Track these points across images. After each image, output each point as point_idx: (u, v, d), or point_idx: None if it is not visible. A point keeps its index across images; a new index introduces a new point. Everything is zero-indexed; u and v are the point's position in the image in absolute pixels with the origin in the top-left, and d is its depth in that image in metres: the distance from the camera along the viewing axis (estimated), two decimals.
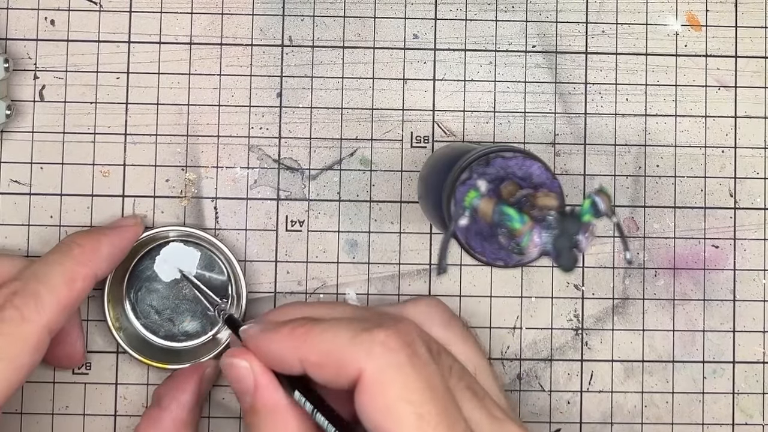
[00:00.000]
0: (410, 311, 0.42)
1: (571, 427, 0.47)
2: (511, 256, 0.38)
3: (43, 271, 0.40)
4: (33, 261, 0.41)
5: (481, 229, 0.38)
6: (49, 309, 0.38)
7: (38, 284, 0.39)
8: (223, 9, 0.48)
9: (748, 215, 0.48)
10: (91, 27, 0.47)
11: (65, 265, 0.40)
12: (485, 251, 0.38)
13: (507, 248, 0.37)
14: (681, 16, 0.48)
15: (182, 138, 0.47)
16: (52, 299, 0.39)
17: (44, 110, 0.47)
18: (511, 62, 0.48)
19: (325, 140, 0.48)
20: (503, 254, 0.38)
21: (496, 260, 0.38)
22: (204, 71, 0.48)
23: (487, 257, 0.38)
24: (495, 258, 0.38)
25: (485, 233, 0.38)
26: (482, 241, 0.38)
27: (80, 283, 0.40)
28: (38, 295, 0.38)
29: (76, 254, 0.41)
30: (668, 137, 0.48)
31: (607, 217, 0.35)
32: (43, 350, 0.38)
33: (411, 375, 0.34)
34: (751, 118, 0.48)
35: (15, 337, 0.37)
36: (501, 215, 0.35)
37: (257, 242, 0.47)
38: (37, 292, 0.39)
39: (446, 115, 0.48)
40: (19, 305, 0.38)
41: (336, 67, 0.48)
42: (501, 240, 0.37)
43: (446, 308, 0.43)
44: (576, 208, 0.35)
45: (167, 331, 0.47)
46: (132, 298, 0.47)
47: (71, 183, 0.47)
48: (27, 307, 0.38)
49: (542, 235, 0.34)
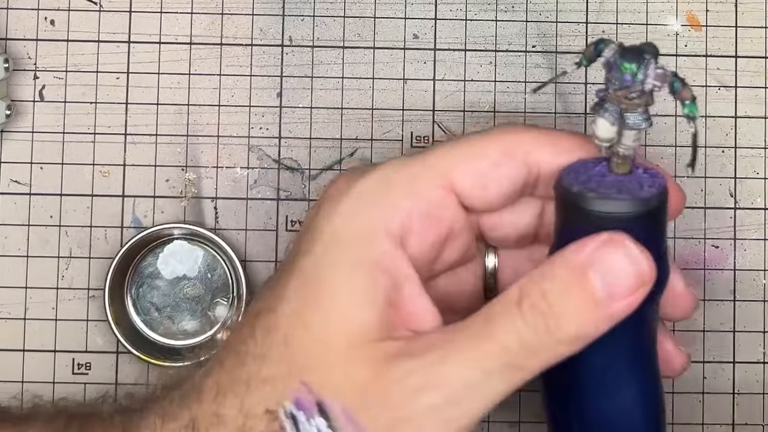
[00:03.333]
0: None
1: None
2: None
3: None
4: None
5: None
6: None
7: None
8: (223, 9, 0.48)
9: (749, 215, 0.48)
10: (91, 27, 0.47)
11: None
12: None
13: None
14: (681, 16, 0.48)
15: (182, 138, 0.47)
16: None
17: (44, 110, 0.47)
18: (511, 62, 0.48)
19: (325, 140, 0.48)
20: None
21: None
22: (204, 71, 0.48)
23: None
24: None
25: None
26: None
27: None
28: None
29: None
30: (668, 137, 0.48)
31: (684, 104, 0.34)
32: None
33: None
34: (751, 118, 0.48)
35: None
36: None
37: (257, 242, 0.47)
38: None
39: (446, 115, 0.48)
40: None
41: (336, 67, 0.48)
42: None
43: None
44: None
45: (166, 329, 0.47)
46: (133, 294, 0.47)
47: (71, 183, 0.47)
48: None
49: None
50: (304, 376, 0.33)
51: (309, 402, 0.33)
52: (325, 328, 0.33)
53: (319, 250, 0.35)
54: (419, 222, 0.35)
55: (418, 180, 0.36)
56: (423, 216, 0.35)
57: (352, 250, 0.34)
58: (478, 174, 0.36)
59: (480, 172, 0.36)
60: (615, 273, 0.32)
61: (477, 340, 0.33)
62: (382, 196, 0.35)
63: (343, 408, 0.33)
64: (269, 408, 0.33)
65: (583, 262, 0.32)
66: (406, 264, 0.35)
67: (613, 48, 0.34)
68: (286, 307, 0.34)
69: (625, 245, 0.32)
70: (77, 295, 0.47)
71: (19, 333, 0.46)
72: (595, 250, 0.33)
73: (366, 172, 0.36)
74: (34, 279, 0.47)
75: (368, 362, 0.33)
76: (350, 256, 0.34)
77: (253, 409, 0.33)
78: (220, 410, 0.34)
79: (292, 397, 0.33)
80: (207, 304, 0.47)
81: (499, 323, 0.33)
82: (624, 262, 0.32)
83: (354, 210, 0.35)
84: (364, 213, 0.35)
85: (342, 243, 0.35)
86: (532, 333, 0.32)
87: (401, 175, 0.36)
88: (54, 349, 0.47)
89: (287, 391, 0.33)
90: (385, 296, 0.34)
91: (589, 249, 0.33)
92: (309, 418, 0.33)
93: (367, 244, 0.34)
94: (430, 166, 0.36)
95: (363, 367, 0.33)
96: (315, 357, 0.33)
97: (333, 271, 0.34)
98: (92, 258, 0.47)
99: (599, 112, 0.34)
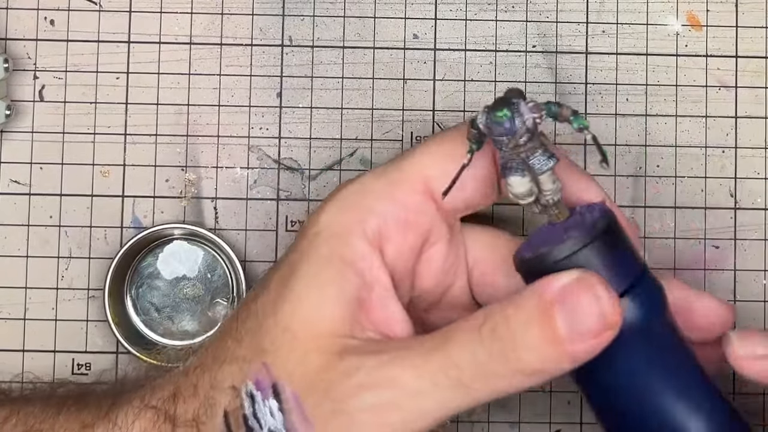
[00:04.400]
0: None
1: (571, 427, 0.47)
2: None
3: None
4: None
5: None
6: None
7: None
8: (223, 9, 0.48)
9: (749, 215, 0.48)
10: (90, 27, 0.47)
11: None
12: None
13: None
14: (681, 16, 0.48)
15: (182, 138, 0.47)
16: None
17: (44, 110, 0.47)
18: (511, 62, 0.48)
19: (325, 140, 0.48)
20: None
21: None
22: (204, 71, 0.48)
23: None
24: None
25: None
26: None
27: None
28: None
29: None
30: (668, 137, 0.48)
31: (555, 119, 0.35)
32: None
33: None
34: (752, 118, 0.48)
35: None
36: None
37: (257, 242, 0.47)
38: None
39: (446, 115, 0.48)
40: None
41: (336, 67, 0.48)
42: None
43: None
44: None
45: (166, 329, 0.47)
46: (133, 294, 0.47)
47: (71, 183, 0.47)
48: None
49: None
50: (265, 358, 0.34)
51: (266, 383, 0.34)
52: (291, 318, 0.35)
53: (302, 246, 0.36)
54: (395, 227, 0.36)
55: (396, 186, 0.36)
56: (400, 222, 0.36)
57: (326, 247, 0.35)
58: (452, 176, 0.36)
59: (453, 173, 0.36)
60: (580, 315, 0.32)
61: (430, 352, 0.33)
62: (361, 200, 0.36)
63: (293, 392, 0.33)
64: (234, 384, 0.35)
65: (551, 298, 0.32)
66: (379, 267, 0.35)
67: (481, 113, 0.35)
68: (266, 297, 0.36)
69: (594, 287, 0.32)
70: (77, 295, 0.47)
71: (19, 333, 0.47)
72: (564, 288, 0.32)
73: (353, 180, 0.37)
74: (34, 279, 0.47)
75: (322, 352, 0.34)
76: (323, 252, 0.35)
77: (221, 383, 0.35)
78: (198, 383, 0.36)
79: (253, 377, 0.34)
80: (207, 304, 0.47)
81: (456, 340, 0.33)
82: (590, 305, 0.32)
83: (336, 211, 0.36)
84: (343, 214, 0.36)
85: (320, 240, 0.36)
86: (487, 356, 0.32)
87: (380, 182, 0.37)
88: (54, 349, 0.47)
89: (250, 371, 0.34)
90: (354, 295, 0.35)
91: (558, 285, 0.32)
92: (264, 399, 0.34)
93: (342, 243, 0.35)
94: (406, 171, 0.37)
95: (316, 355, 0.34)
96: (278, 342, 0.34)
97: (307, 266, 0.35)
98: (92, 258, 0.47)
99: (506, 174, 0.35)
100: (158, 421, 0.36)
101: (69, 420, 0.37)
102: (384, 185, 0.37)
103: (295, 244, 0.37)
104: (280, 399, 0.34)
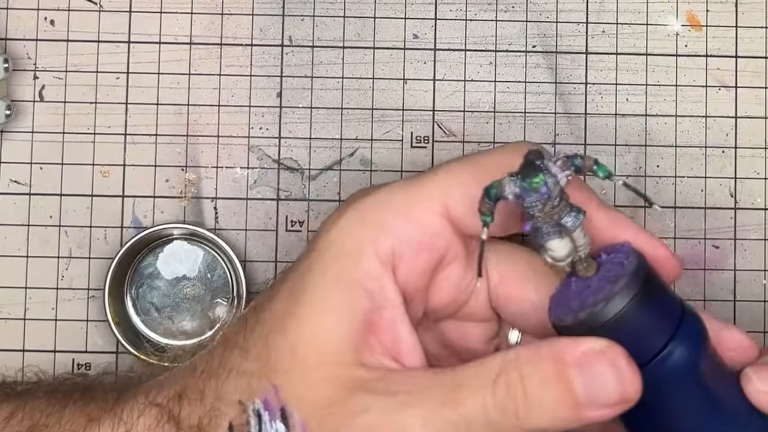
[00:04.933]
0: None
1: None
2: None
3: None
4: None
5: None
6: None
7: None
8: (223, 9, 0.48)
9: (749, 215, 0.48)
10: (90, 27, 0.47)
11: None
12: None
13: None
14: (681, 16, 0.48)
15: (182, 138, 0.47)
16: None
17: (44, 110, 0.47)
18: (511, 62, 0.48)
19: (325, 140, 0.48)
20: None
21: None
22: (204, 71, 0.48)
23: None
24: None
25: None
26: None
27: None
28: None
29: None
30: (668, 137, 0.48)
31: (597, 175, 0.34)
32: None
33: None
34: (752, 118, 0.48)
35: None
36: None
37: (257, 242, 0.47)
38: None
39: (446, 115, 0.48)
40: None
41: (336, 67, 0.48)
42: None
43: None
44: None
45: (166, 329, 0.47)
46: (133, 294, 0.47)
47: (71, 183, 0.47)
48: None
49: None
50: (275, 379, 0.34)
51: (274, 404, 0.34)
52: (298, 337, 0.34)
53: (312, 258, 0.35)
54: (409, 248, 0.35)
55: (415, 205, 0.35)
56: (415, 242, 0.35)
57: (337, 265, 0.35)
58: (474, 201, 0.35)
59: (475, 198, 0.35)
60: (600, 385, 0.32)
61: (443, 403, 0.32)
62: (377, 217, 0.35)
63: (301, 420, 0.33)
64: (242, 399, 0.35)
65: (572, 362, 0.32)
66: (391, 287, 0.35)
67: (509, 181, 0.33)
68: (273, 308, 0.35)
69: (617, 362, 0.32)
70: (77, 295, 0.47)
71: (19, 333, 0.47)
72: (586, 355, 0.32)
73: (371, 192, 0.36)
74: (34, 279, 0.47)
75: (333, 385, 0.33)
76: (334, 271, 0.35)
77: (227, 395, 0.35)
78: (204, 388, 0.35)
79: (262, 395, 0.34)
80: (207, 304, 0.47)
81: (470, 393, 0.32)
82: (612, 378, 0.32)
83: (349, 226, 0.35)
84: (356, 230, 0.35)
85: (330, 256, 0.35)
86: (500, 413, 0.32)
87: (398, 198, 0.36)
88: (54, 349, 0.47)
89: (259, 389, 0.34)
90: (363, 317, 0.34)
91: (581, 350, 0.32)
92: (272, 420, 0.34)
93: (353, 262, 0.35)
94: (427, 189, 0.36)
95: (326, 387, 0.33)
96: (286, 363, 0.34)
97: (315, 283, 0.35)
98: (92, 258, 0.47)
99: (544, 239, 0.34)
100: (162, 420, 0.36)
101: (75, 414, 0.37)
102: (403, 200, 0.36)
103: (307, 251, 0.36)
104: (288, 423, 0.34)
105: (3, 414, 0.38)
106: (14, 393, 0.40)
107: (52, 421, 0.37)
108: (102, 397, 0.38)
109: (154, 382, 0.37)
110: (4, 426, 0.37)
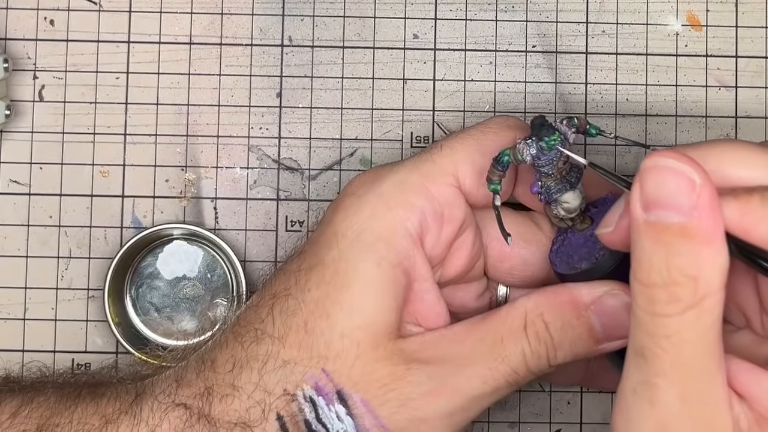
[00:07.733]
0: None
1: (571, 427, 0.47)
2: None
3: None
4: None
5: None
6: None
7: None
8: (223, 9, 0.48)
9: None
10: (90, 27, 0.47)
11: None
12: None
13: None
14: (681, 16, 0.48)
15: (182, 138, 0.47)
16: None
17: (44, 110, 0.47)
18: (511, 62, 0.48)
19: (325, 140, 0.48)
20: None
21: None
22: (204, 71, 0.48)
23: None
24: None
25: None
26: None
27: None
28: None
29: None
30: (668, 137, 0.48)
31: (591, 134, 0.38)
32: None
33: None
34: (752, 118, 0.48)
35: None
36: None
37: (257, 242, 0.47)
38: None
39: (446, 115, 0.48)
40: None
41: (336, 67, 0.48)
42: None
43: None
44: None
45: (166, 329, 0.47)
46: (133, 294, 0.47)
47: (71, 183, 0.47)
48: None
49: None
50: (325, 365, 0.36)
51: (328, 389, 0.35)
52: (347, 322, 0.36)
53: (343, 246, 0.37)
54: (433, 221, 0.38)
55: (430, 180, 0.38)
56: (437, 215, 0.38)
57: (373, 250, 0.37)
58: (480, 171, 0.38)
59: (482, 169, 0.38)
60: (616, 321, 0.37)
61: (491, 360, 0.37)
62: (401, 195, 0.37)
63: (362, 399, 0.35)
64: (287, 389, 0.36)
65: (589, 304, 0.37)
66: (422, 261, 0.37)
67: (525, 145, 0.37)
68: (307, 296, 0.36)
69: (621, 295, 0.37)
70: (77, 295, 0.47)
71: (18, 333, 0.47)
72: (600, 298, 0.37)
73: (383, 175, 0.38)
74: (33, 279, 0.47)
75: (388, 361, 0.36)
76: (372, 256, 0.36)
77: (271, 386, 0.36)
78: (236, 382, 0.36)
79: (311, 382, 0.36)
80: (207, 304, 0.47)
81: (511, 348, 0.37)
82: (624, 314, 0.36)
83: (376, 211, 0.37)
84: (385, 214, 0.37)
85: (366, 242, 0.37)
86: (536, 360, 0.37)
87: (415, 177, 0.38)
88: (54, 349, 0.47)
89: (307, 376, 0.36)
90: (404, 295, 0.37)
91: (596, 293, 0.37)
92: (329, 404, 0.35)
93: (388, 246, 0.37)
94: (438, 165, 0.38)
95: (382, 366, 0.36)
96: (336, 348, 0.36)
97: (356, 268, 0.36)
98: (92, 258, 0.47)
99: (559, 194, 0.38)
100: (191, 420, 0.36)
101: (87, 413, 0.37)
102: (419, 179, 0.38)
103: (325, 242, 0.38)
104: (347, 404, 0.35)
105: (9, 409, 0.38)
106: (19, 388, 0.40)
107: (63, 421, 0.37)
108: (115, 395, 0.38)
109: (172, 380, 0.37)
110: (10, 422, 0.37)
